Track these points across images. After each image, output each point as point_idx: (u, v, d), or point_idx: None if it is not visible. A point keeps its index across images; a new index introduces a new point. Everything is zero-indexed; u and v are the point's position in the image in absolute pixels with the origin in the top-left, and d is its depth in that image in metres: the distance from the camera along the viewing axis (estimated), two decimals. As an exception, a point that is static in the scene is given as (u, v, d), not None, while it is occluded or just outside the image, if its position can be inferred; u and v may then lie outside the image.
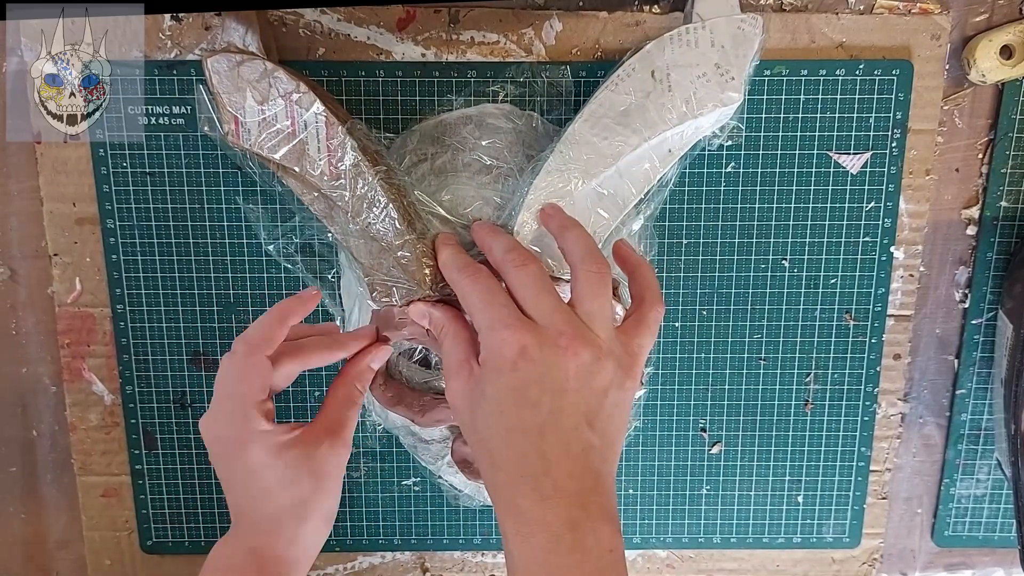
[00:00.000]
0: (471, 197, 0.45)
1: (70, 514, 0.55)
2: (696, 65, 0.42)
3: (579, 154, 0.42)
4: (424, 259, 0.43)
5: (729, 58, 0.42)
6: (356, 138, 0.43)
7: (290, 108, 0.43)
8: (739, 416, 0.53)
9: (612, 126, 0.42)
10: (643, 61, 0.42)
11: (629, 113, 0.42)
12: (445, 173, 0.45)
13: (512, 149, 0.46)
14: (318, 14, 0.47)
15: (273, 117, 0.43)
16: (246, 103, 0.43)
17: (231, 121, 0.43)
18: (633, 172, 0.43)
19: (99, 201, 0.49)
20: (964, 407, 0.54)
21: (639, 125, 0.42)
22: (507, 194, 0.45)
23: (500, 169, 0.45)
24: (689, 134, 0.43)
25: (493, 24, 0.47)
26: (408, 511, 0.55)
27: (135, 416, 0.53)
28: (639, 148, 0.42)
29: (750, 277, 0.51)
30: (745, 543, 0.56)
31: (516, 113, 0.48)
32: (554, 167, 0.42)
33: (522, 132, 0.47)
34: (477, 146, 0.46)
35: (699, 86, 0.42)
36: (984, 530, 0.56)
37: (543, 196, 0.43)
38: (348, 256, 0.47)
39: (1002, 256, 0.51)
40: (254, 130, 0.43)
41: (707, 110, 0.42)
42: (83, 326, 0.51)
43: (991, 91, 0.49)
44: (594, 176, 0.42)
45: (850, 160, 0.49)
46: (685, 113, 0.42)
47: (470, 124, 0.46)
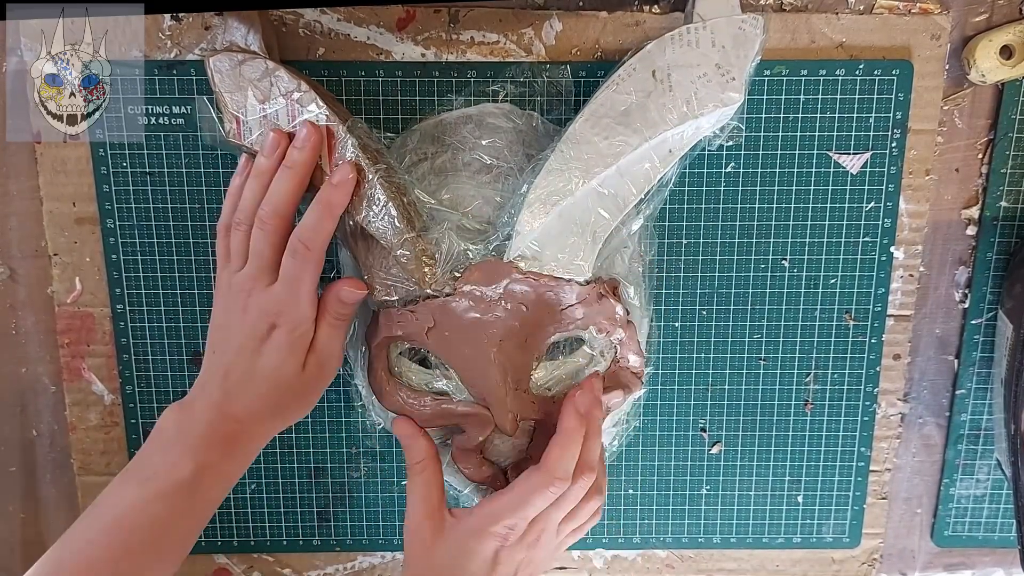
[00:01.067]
0: (471, 196, 0.45)
1: (70, 514, 0.55)
2: (697, 65, 0.42)
3: (580, 153, 0.42)
4: (424, 258, 0.43)
5: (730, 58, 0.42)
6: (356, 136, 0.43)
7: (291, 107, 0.43)
8: (739, 416, 0.53)
9: (613, 126, 0.42)
10: (644, 61, 0.42)
11: (630, 113, 0.42)
12: (445, 172, 0.45)
13: (512, 148, 0.46)
14: (318, 14, 0.47)
15: (274, 116, 0.43)
16: (248, 102, 0.43)
17: (233, 120, 0.43)
18: (633, 172, 0.43)
19: (99, 201, 0.49)
20: (964, 407, 0.54)
21: (640, 125, 0.42)
22: (507, 193, 0.45)
23: (500, 168, 0.45)
24: (690, 134, 0.43)
25: (493, 24, 0.47)
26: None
27: (135, 416, 0.53)
28: (640, 148, 0.42)
29: (750, 277, 0.51)
30: (745, 543, 0.56)
31: (516, 112, 0.48)
32: (555, 166, 0.42)
33: (522, 131, 0.47)
34: (477, 145, 0.46)
35: (700, 86, 0.42)
36: (984, 530, 0.56)
37: (544, 195, 0.43)
38: (348, 255, 0.47)
39: (1002, 256, 0.51)
40: (255, 129, 0.43)
41: (708, 110, 0.42)
42: (83, 326, 0.51)
43: (991, 91, 0.49)
44: (595, 175, 0.42)
45: (850, 160, 0.49)
46: (686, 113, 0.42)
47: (470, 123, 0.46)
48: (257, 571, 0.56)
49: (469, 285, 0.44)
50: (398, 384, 0.46)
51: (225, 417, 0.43)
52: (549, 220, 0.43)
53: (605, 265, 0.46)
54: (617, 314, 0.45)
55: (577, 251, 0.44)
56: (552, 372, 0.46)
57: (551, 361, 0.47)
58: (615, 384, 0.47)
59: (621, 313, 0.45)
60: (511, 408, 0.44)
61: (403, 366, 0.47)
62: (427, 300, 0.44)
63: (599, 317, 0.45)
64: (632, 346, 0.46)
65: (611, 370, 0.47)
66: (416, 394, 0.46)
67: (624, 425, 0.51)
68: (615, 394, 0.46)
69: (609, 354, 0.47)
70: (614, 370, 0.47)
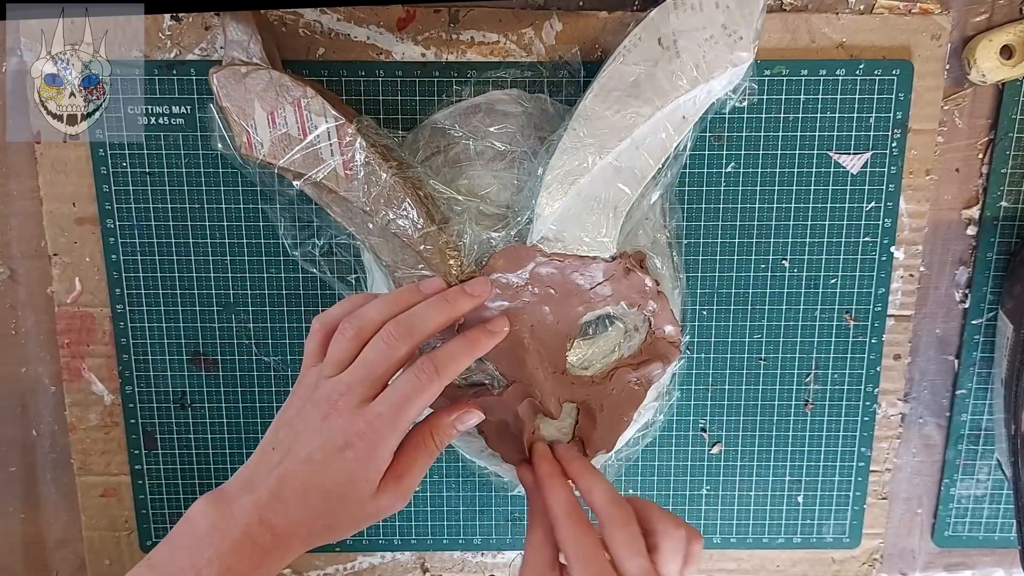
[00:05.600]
0: (488, 182, 0.44)
1: (69, 514, 0.55)
2: (703, 28, 0.41)
3: (593, 130, 0.42)
4: (448, 250, 0.43)
5: (735, 18, 0.41)
6: (365, 135, 0.42)
7: (299, 113, 0.42)
8: (739, 416, 0.53)
9: (623, 98, 0.41)
10: (648, 30, 0.41)
11: (639, 83, 0.41)
12: (459, 163, 0.45)
13: (524, 132, 0.45)
14: (318, 14, 0.47)
15: (283, 124, 0.42)
16: (255, 114, 0.42)
17: (242, 134, 0.43)
18: (649, 143, 0.42)
19: (99, 201, 0.49)
20: (964, 407, 0.54)
21: (650, 95, 0.41)
22: (524, 176, 0.44)
23: (514, 153, 0.45)
24: (702, 99, 0.42)
25: (493, 24, 0.47)
26: (408, 511, 0.55)
27: (135, 416, 0.53)
28: (653, 118, 0.41)
29: (750, 277, 0.51)
30: (745, 543, 0.56)
31: (525, 96, 0.47)
32: (569, 145, 0.42)
33: (532, 115, 0.46)
34: (488, 133, 0.45)
35: (707, 49, 0.41)
36: (984, 530, 0.56)
37: (560, 175, 0.42)
38: (371, 257, 0.46)
39: (1002, 256, 0.51)
40: (266, 141, 0.43)
41: (718, 72, 0.41)
42: (83, 326, 0.51)
43: (991, 91, 0.49)
44: (610, 151, 0.42)
45: (850, 160, 0.49)
46: (696, 78, 0.41)
47: (479, 112, 0.46)
48: (257, 571, 0.56)
49: (495, 273, 0.43)
50: None
51: (264, 526, 0.38)
52: (568, 200, 0.42)
53: (629, 239, 0.46)
54: (647, 286, 0.45)
55: (599, 228, 0.44)
56: (588, 351, 0.46)
57: (585, 339, 0.46)
58: (654, 356, 0.47)
59: (650, 285, 0.45)
60: (553, 392, 0.44)
61: None
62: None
63: (629, 291, 0.45)
64: (666, 316, 0.46)
65: (647, 343, 0.47)
66: (455, 390, 0.46)
67: (666, 398, 0.51)
68: (655, 366, 0.46)
69: (643, 328, 0.47)
70: (650, 342, 0.47)
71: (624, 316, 0.46)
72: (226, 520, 0.38)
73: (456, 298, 0.41)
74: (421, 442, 0.41)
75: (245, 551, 0.37)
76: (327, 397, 0.39)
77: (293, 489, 0.38)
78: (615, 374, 0.46)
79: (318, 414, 0.39)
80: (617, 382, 0.46)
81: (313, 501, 0.38)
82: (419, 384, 0.39)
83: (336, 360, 0.39)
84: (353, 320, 0.40)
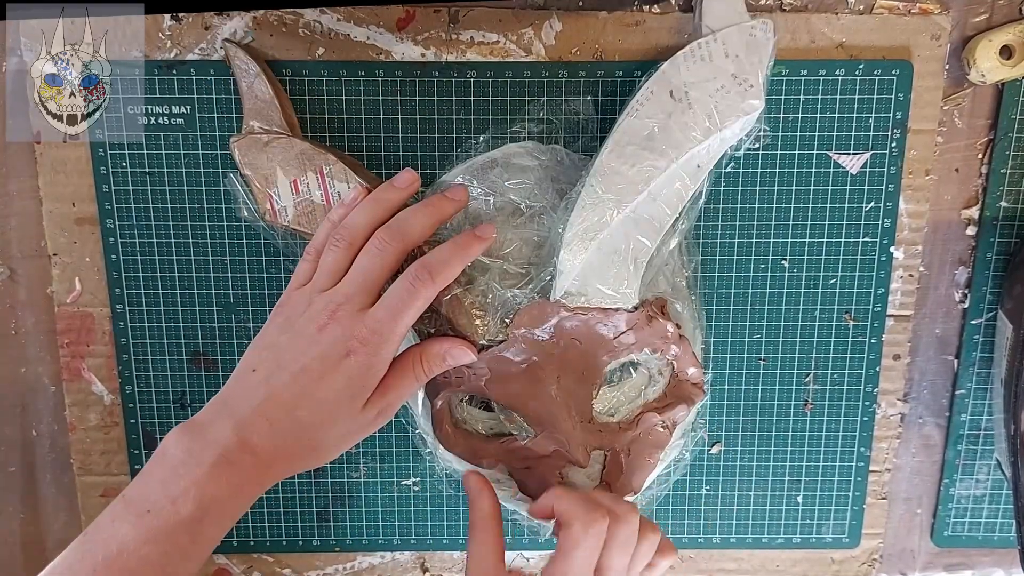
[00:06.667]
0: (509, 239, 0.45)
1: (69, 514, 0.55)
2: (713, 78, 0.41)
3: (610, 185, 0.42)
4: (474, 311, 0.43)
5: (745, 66, 0.41)
6: None
7: (322, 181, 0.43)
8: (739, 416, 0.53)
9: (639, 152, 0.42)
10: (660, 83, 0.42)
11: (653, 137, 0.42)
12: (479, 219, 0.45)
13: (542, 186, 0.46)
14: (318, 14, 0.47)
15: (307, 191, 0.43)
16: (278, 181, 0.43)
17: (265, 201, 0.43)
18: (665, 193, 0.43)
19: (98, 201, 0.49)
20: (964, 407, 0.54)
21: (665, 147, 0.42)
22: (544, 231, 0.45)
23: (533, 208, 0.45)
24: (716, 147, 0.43)
25: (493, 24, 0.47)
26: (408, 511, 0.55)
27: (135, 416, 0.53)
28: (668, 169, 0.42)
29: (750, 277, 0.51)
30: (745, 543, 0.56)
31: (540, 149, 0.47)
32: (588, 202, 0.42)
33: (548, 167, 0.47)
34: (507, 188, 0.45)
35: (719, 99, 0.41)
36: (984, 530, 0.56)
37: (580, 231, 0.42)
38: None
39: (1002, 256, 0.51)
40: (289, 208, 0.44)
41: (731, 121, 0.42)
42: (82, 326, 0.51)
43: (991, 91, 0.49)
44: (627, 204, 0.42)
45: (850, 160, 0.49)
46: (709, 128, 0.42)
47: (496, 167, 0.46)
48: (257, 571, 0.56)
49: (520, 329, 0.44)
50: (465, 433, 0.47)
51: (244, 448, 0.37)
52: (589, 255, 0.43)
53: (649, 285, 0.46)
54: (669, 332, 0.45)
55: (621, 280, 0.44)
56: (614, 397, 0.47)
57: (610, 386, 0.47)
58: (678, 398, 0.47)
59: (672, 330, 0.45)
60: (581, 441, 0.45)
61: (467, 413, 0.47)
62: (480, 351, 0.44)
63: (652, 338, 0.45)
64: (688, 359, 0.47)
65: (671, 385, 0.47)
66: (484, 440, 0.47)
67: (691, 435, 0.51)
68: (680, 408, 0.47)
69: (667, 371, 0.47)
70: (674, 385, 0.47)
71: (648, 362, 0.47)
72: (201, 445, 0.37)
73: (440, 202, 0.42)
74: (409, 364, 0.41)
75: (223, 475, 0.37)
76: (325, 308, 0.39)
77: (283, 404, 0.38)
78: (641, 419, 0.47)
79: (314, 326, 0.39)
80: (643, 426, 0.47)
81: (303, 415, 0.38)
82: (415, 290, 0.39)
83: (330, 271, 0.40)
84: (342, 231, 0.40)
